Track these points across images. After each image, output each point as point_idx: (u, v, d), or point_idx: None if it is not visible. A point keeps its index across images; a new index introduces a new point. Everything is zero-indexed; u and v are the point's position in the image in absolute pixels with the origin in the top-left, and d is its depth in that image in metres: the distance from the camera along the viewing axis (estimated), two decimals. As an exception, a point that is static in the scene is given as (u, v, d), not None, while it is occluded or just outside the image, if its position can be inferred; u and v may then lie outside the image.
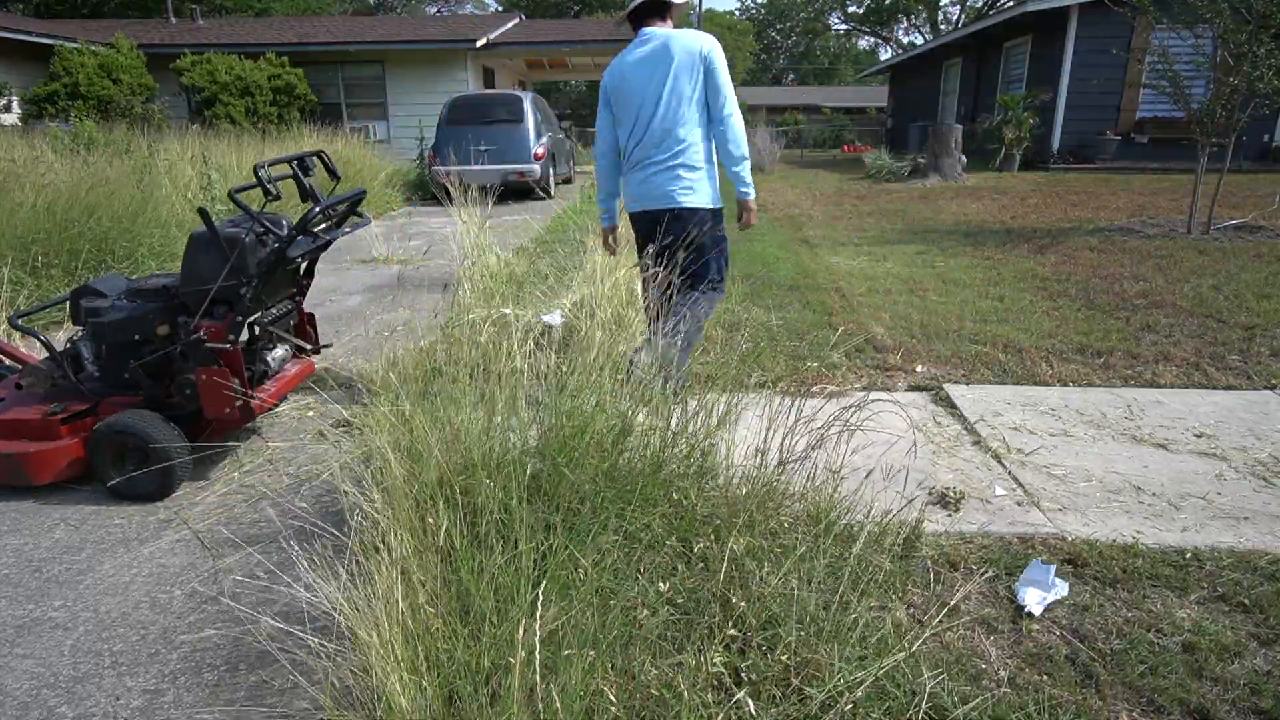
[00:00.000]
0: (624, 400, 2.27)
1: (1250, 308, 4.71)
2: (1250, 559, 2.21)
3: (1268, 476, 2.71)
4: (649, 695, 1.56)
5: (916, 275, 5.90)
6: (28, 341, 3.99)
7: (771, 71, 56.91)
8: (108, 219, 5.82)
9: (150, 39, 15.65)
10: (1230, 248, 6.55)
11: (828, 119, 35.62)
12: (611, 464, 2.07)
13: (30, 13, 24.29)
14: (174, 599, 2.19)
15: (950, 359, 3.97)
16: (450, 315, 4.19)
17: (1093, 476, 2.74)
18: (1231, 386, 3.56)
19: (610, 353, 2.70)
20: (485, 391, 2.34)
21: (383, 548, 1.77)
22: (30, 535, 2.54)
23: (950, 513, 2.49)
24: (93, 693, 1.84)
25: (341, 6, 34.62)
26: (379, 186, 11.08)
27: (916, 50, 21.93)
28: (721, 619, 1.76)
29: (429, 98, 15.60)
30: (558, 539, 1.73)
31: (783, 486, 2.19)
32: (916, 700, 1.58)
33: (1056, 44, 13.39)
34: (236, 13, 26.00)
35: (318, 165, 3.04)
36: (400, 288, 5.90)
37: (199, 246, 2.69)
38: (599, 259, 4.47)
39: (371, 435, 2.38)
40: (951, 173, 12.35)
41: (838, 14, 48.34)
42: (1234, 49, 6.86)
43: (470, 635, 1.59)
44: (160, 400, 2.84)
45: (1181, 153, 12.29)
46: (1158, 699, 1.71)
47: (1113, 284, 5.43)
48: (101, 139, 8.67)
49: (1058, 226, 7.95)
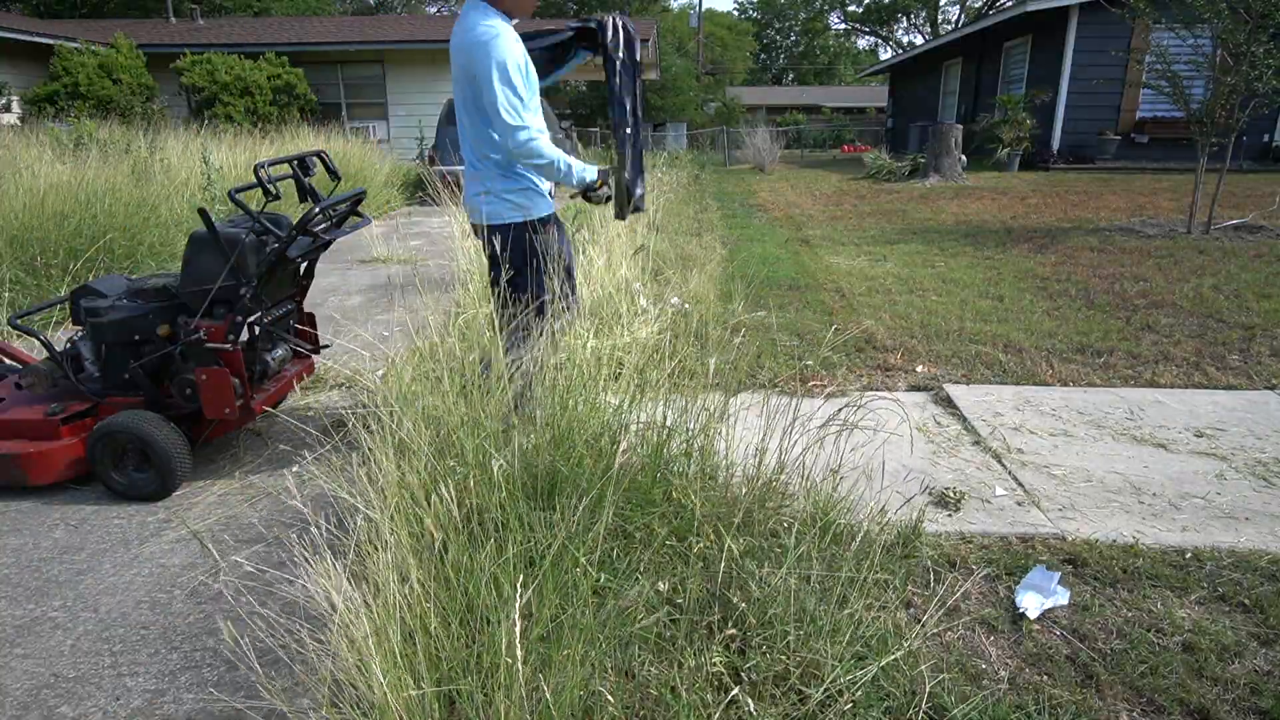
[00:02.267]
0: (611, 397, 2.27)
1: (1250, 307, 4.71)
2: (1250, 559, 2.21)
3: (1268, 476, 2.71)
4: (648, 695, 1.56)
5: (916, 275, 5.90)
6: (27, 341, 3.99)
7: (771, 71, 56.93)
8: (107, 219, 5.82)
9: (150, 39, 15.65)
10: (1230, 247, 6.55)
11: (828, 119, 35.65)
12: (609, 463, 2.06)
13: (30, 13, 24.30)
14: (174, 599, 2.19)
15: (950, 359, 3.97)
16: (450, 315, 4.19)
17: (1093, 476, 2.74)
18: (1231, 386, 3.56)
19: (600, 354, 2.70)
20: (484, 391, 2.34)
21: (380, 547, 1.77)
22: (30, 535, 2.54)
23: (950, 513, 2.49)
24: (93, 693, 1.84)
25: (341, 6, 34.61)
26: (379, 186, 11.07)
27: (916, 50, 21.93)
28: (721, 619, 1.76)
29: (429, 98, 15.61)
30: (556, 538, 1.73)
31: (782, 486, 2.19)
32: (916, 700, 1.58)
33: (1056, 44, 13.39)
34: (236, 13, 26.01)
35: (318, 165, 3.04)
36: (400, 288, 5.90)
37: (199, 247, 2.69)
38: (597, 259, 4.47)
39: (370, 435, 2.38)
40: (951, 173, 12.35)
41: (837, 14, 48.37)
42: (1233, 49, 6.87)
43: (467, 634, 1.59)
44: (160, 400, 2.84)
45: (1181, 153, 12.30)
46: (1158, 699, 1.71)
47: (1113, 284, 5.43)
48: (101, 139, 8.66)
49: (1058, 226, 7.95)
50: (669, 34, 35.68)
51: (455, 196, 5.93)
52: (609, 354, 2.82)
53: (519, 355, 2.42)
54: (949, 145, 12.37)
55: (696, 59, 39.38)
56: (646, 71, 23.79)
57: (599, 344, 2.99)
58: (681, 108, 32.28)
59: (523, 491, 1.96)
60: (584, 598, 1.61)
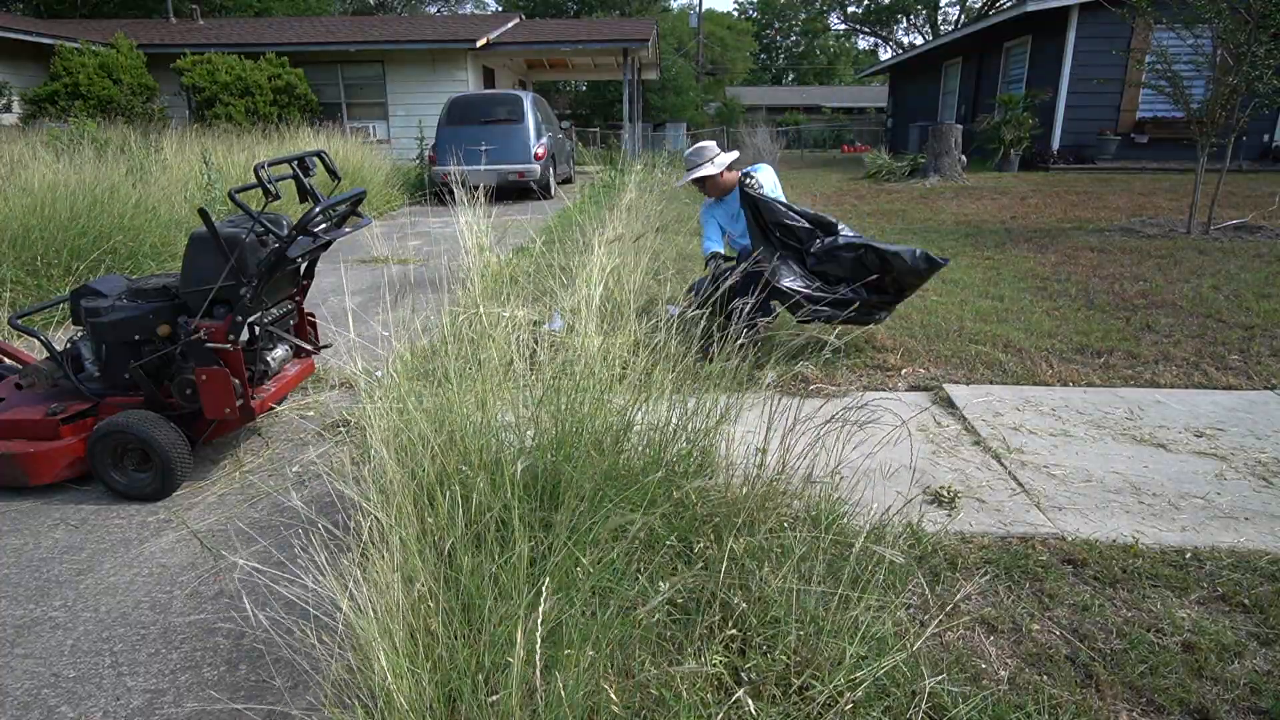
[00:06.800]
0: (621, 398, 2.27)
1: (1250, 308, 4.71)
2: (1250, 559, 2.21)
3: (1268, 476, 2.71)
4: (649, 695, 1.56)
5: (916, 275, 5.89)
6: (27, 341, 3.99)
7: (771, 71, 56.93)
8: (107, 219, 5.82)
9: (150, 39, 15.66)
10: (1230, 247, 6.55)
11: (828, 119, 35.65)
12: (611, 463, 2.07)
13: (30, 13, 24.29)
14: (174, 599, 2.19)
15: (950, 359, 3.97)
16: (450, 315, 4.19)
17: (1092, 476, 2.74)
18: (1231, 386, 3.56)
19: (607, 354, 2.70)
20: (482, 390, 2.35)
21: (382, 546, 1.77)
22: (30, 535, 2.54)
23: (950, 512, 2.49)
24: (93, 692, 1.84)
25: (341, 6, 34.60)
26: (379, 186, 11.07)
27: (916, 50, 21.92)
28: (721, 619, 1.76)
29: (429, 98, 15.61)
30: (557, 538, 1.73)
31: (782, 486, 2.19)
32: (916, 700, 1.58)
33: (1056, 44, 13.39)
34: (236, 13, 26.00)
35: (318, 165, 3.04)
36: (400, 288, 5.90)
37: (199, 246, 2.69)
38: (600, 259, 4.46)
39: (370, 435, 2.38)
40: (951, 173, 12.35)
41: (837, 14, 48.36)
42: (1233, 49, 6.87)
43: (470, 634, 1.59)
44: (160, 400, 2.84)
45: (1181, 153, 12.31)
46: (1158, 699, 1.71)
47: (1113, 284, 5.43)
48: (101, 139, 8.66)
49: (1058, 226, 7.95)
50: (669, 34, 35.65)
51: (455, 197, 5.92)
52: (615, 352, 2.82)
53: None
54: (949, 145, 12.37)
55: (696, 59, 39.38)
56: (647, 71, 23.81)
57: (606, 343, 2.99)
58: (681, 108, 32.30)
59: (525, 491, 1.96)
60: (584, 598, 1.61)
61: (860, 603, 1.71)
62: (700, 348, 2.67)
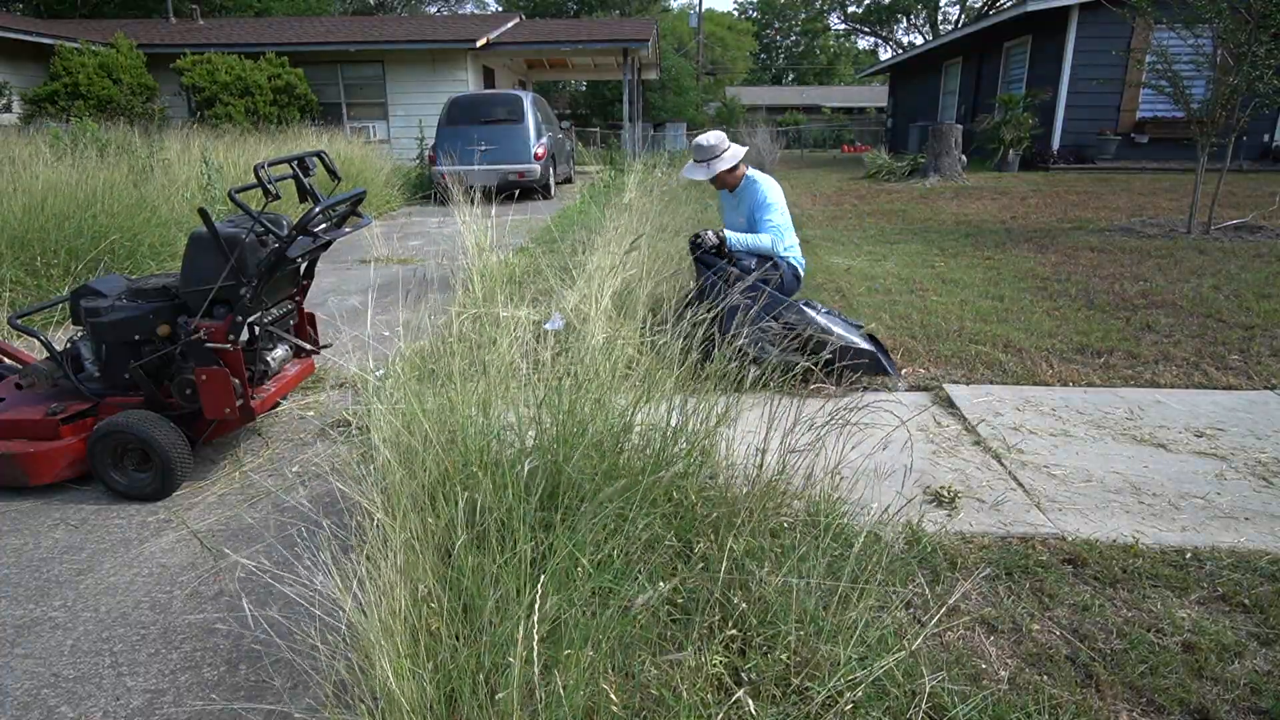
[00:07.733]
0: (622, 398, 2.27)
1: (1250, 308, 4.71)
2: (1250, 559, 2.21)
3: (1268, 476, 2.71)
4: (649, 695, 1.56)
5: (916, 275, 5.90)
6: (27, 341, 3.99)
7: (771, 71, 56.92)
8: (107, 219, 5.82)
9: (150, 39, 15.65)
10: (1230, 248, 6.56)
11: (828, 119, 35.66)
12: (611, 464, 2.07)
13: (30, 13, 24.29)
14: (174, 599, 2.19)
15: (950, 359, 3.97)
16: (450, 315, 4.19)
17: (1093, 476, 2.74)
18: (1231, 386, 3.56)
19: (610, 353, 2.70)
20: (482, 390, 2.35)
21: (383, 547, 1.77)
22: (30, 535, 2.54)
23: (950, 512, 2.49)
24: (93, 692, 1.84)
25: (341, 6, 34.60)
26: (379, 186, 11.07)
27: (916, 50, 21.91)
28: (721, 619, 1.76)
29: (429, 98, 15.61)
30: (557, 538, 1.73)
31: (783, 486, 2.19)
32: (916, 700, 1.58)
33: (1056, 44, 13.39)
34: (236, 13, 26.00)
35: (318, 165, 3.04)
36: (400, 287, 5.90)
37: (199, 246, 2.69)
38: (600, 258, 4.47)
39: (370, 434, 2.38)
40: (951, 173, 12.35)
41: (837, 14, 48.36)
42: (1233, 49, 6.87)
43: (471, 634, 1.59)
44: (160, 400, 2.84)
45: (1181, 153, 12.31)
46: (1158, 699, 1.71)
47: (1113, 284, 5.43)
48: (101, 139, 8.66)
49: (1058, 226, 7.95)
50: (669, 34, 35.66)
51: (455, 197, 5.93)
52: (618, 352, 2.82)
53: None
54: (949, 145, 12.37)
55: (696, 59, 39.37)
56: (646, 71, 23.81)
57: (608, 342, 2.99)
58: (681, 108, 32.30)
59: (525, 491, 1.96)
60: (585, 597, 1.61)
61: (860, 603, 1.72)
62: (701, 350, 2.67)
